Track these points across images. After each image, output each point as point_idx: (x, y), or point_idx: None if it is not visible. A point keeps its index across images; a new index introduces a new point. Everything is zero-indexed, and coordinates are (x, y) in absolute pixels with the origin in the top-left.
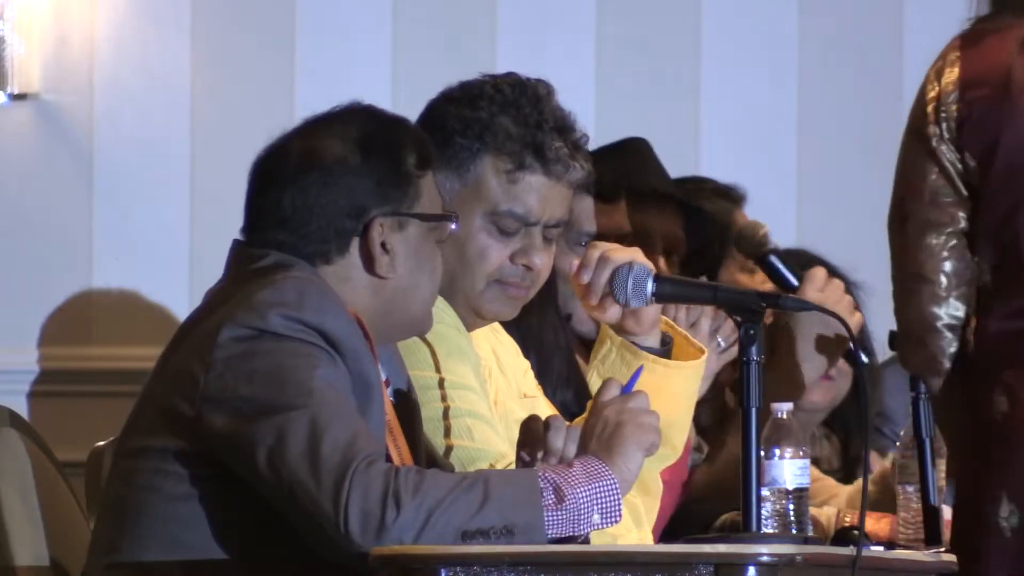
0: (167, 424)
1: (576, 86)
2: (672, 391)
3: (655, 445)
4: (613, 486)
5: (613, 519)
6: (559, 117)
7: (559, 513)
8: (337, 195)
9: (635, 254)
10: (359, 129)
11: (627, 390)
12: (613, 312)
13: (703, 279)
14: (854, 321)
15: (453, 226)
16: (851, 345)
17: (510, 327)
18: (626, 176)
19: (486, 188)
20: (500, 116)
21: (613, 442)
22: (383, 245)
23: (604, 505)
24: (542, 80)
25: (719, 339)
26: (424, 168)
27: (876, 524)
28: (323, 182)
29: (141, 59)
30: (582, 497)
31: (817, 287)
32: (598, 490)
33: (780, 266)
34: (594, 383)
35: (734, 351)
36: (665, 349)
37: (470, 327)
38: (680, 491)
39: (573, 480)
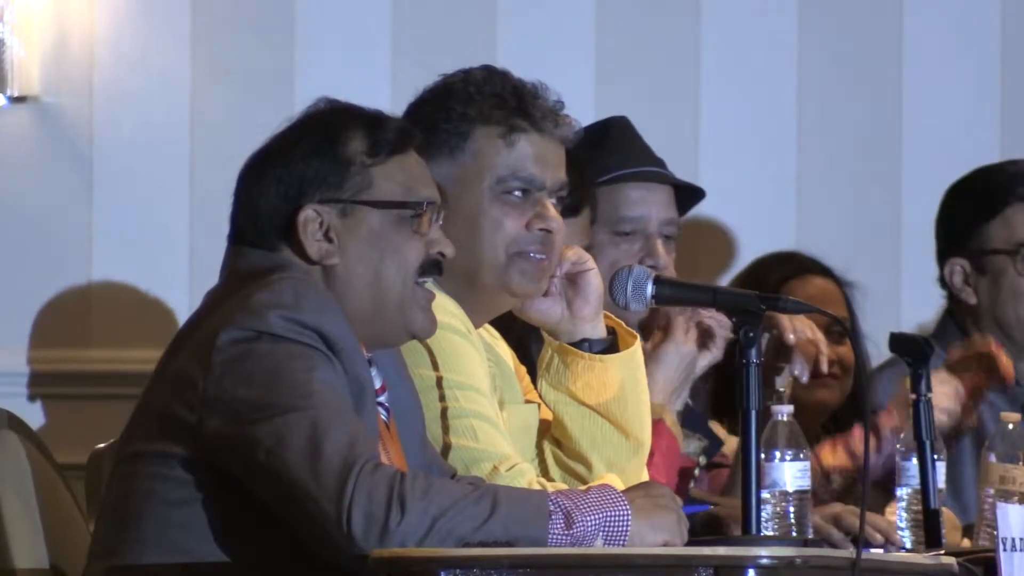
0: (167, 429)
1: (575, 87)
2: (615, 383)
3: (670, 541)
4: (624, 515)
5: (617, 544)
6: (532, 85)
7: (565, 537)
8: (270, 183)
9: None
10: (301, 119)
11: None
12: (549, 304)
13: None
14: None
15: (424, 209)
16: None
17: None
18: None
19: (484, 159)
20: (477, 94)
21: (656, 510)
22: (327, 233)
23: (610, 531)
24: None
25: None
26: (378, 156)
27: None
28: (261, 172)
29: (141, 61)
30: (591, 523)
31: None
32: (608, 517)
33: None
34: (543, 391)
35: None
36: (612, 339)
37: (494, 312)
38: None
39: (585, 507)
